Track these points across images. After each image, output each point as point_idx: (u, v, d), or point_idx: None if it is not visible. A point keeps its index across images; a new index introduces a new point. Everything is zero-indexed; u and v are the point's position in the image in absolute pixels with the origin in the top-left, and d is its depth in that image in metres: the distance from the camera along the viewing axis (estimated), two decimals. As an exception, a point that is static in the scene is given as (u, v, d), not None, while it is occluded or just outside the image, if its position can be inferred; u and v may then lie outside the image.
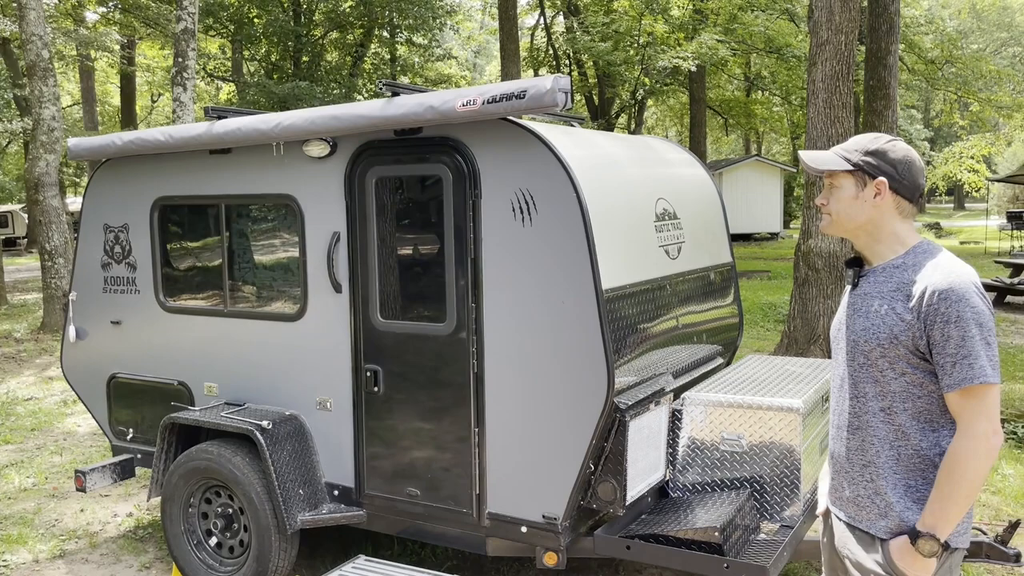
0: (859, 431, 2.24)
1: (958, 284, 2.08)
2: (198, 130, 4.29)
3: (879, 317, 2.17)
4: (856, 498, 2.25)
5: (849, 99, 8.09)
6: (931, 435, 2.15)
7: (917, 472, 2.16)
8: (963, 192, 45.64)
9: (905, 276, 2.17)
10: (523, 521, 3.62)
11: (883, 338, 2.15)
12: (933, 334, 2.08)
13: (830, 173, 2.28)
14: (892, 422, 2.17)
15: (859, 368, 2.23)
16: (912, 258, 2.21)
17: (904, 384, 2.15)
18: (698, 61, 18.83)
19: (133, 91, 26.92)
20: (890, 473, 2.18)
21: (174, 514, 4.35)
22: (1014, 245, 23.59)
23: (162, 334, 4.69)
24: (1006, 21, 46.81)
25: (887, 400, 2.18)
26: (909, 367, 2.14)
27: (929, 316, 2.08)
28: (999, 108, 24.25)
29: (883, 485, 2.19)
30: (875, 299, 2.21)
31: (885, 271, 2.23)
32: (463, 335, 3.69)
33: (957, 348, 2.05)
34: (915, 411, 2.15)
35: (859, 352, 2.22)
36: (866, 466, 2.23)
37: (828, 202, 2.29)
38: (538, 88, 3.36)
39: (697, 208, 4.56)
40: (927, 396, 2.14)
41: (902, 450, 2.17)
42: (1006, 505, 5.20)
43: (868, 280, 2.27)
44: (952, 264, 2.16)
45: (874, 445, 2.21)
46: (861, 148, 2.24)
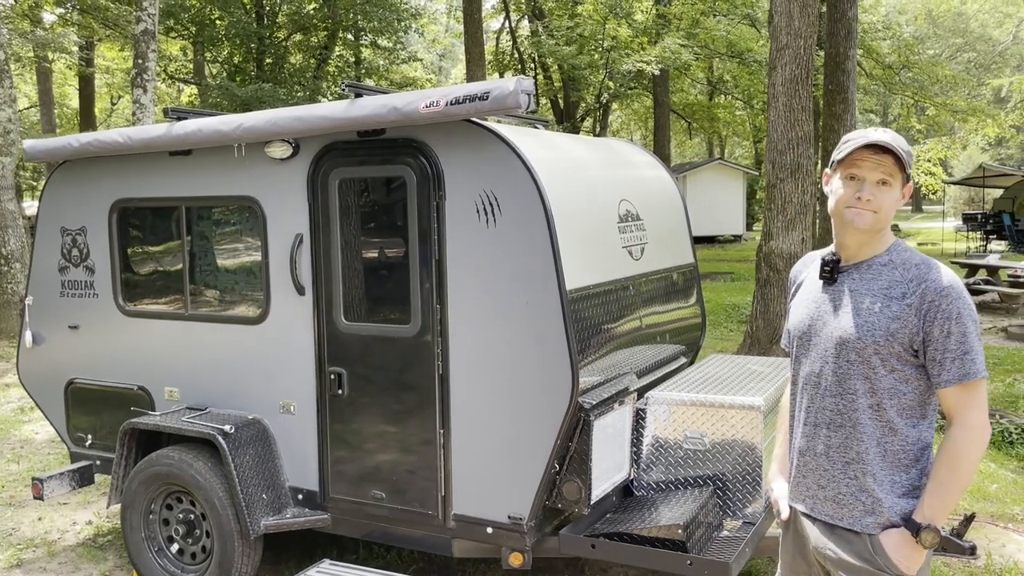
0: (843, 428, 2.24)
1: (956, 283, 2.14)
2: (158, 131, 4.24)
3: (874, 315, 2.18)
4: (837, 496, 2.25)
5: (808, 102, 8.22)
6: (913, 430, 2.20)
7: (901, 467, 2.20)
8: (920, 195, 46.52)
9: (896, 274, 2.19)
10: (489, 522, 3.62)
11: (879, 335, 2.16)
12: (932, 331, 2.11)
13: (891, 171, 2.18)
14: (880, 418, 2.20)
15: (848, 365, 2.22)
16: (897, 256, 2.23)
17: (893, 381, 2.18)
18: (661, 65, 19.00)
19: (92, 93, 26.44)
20: (877, 469, 2.20)
21: (134, 521, 4.28)
22: (970, 246, 24.13)
23: (121, 338, 4.62)
24: (961, 27, 47.87)
25: (876, 396, 2.19)
26: (899, 364, 2.17)
27: (929, 313, 2.11)
28: (954, 112, 24.76)
29: (869, 481, 2.20)
30: (866, 296, 2.21)
31: (872, 268, 2.24)
32: (428, 337, 3.68)
33: (958, 344, 2.10)
34: (901, 407, 2.19)
35: (850, 350, 2.21)
36: (849, 463, 2.23)
37: (875, 198, 2.18)
38: (501, 90, 3.37)
39: (660, 210, 4.60)
40: (912, 392, 2.18)
41: (888, 446, 2.20)
42: (964, 500, 5.31)
43: (850, 276, 2.27)
44: (939, 263, 2.21)
45: (861, 442, 2.21)
46: (911, 151, 2.21)
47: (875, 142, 2.15)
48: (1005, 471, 5.81)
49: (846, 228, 2.23)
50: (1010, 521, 4.99)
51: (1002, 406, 7.19)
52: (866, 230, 2.21)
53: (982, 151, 43.78)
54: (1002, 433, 6.40)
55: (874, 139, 2.16)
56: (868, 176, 2.18)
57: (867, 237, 2.23)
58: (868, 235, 2.23)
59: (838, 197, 2.23)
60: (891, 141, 2.16)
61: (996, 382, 8.20)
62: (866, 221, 2.19)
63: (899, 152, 2.14)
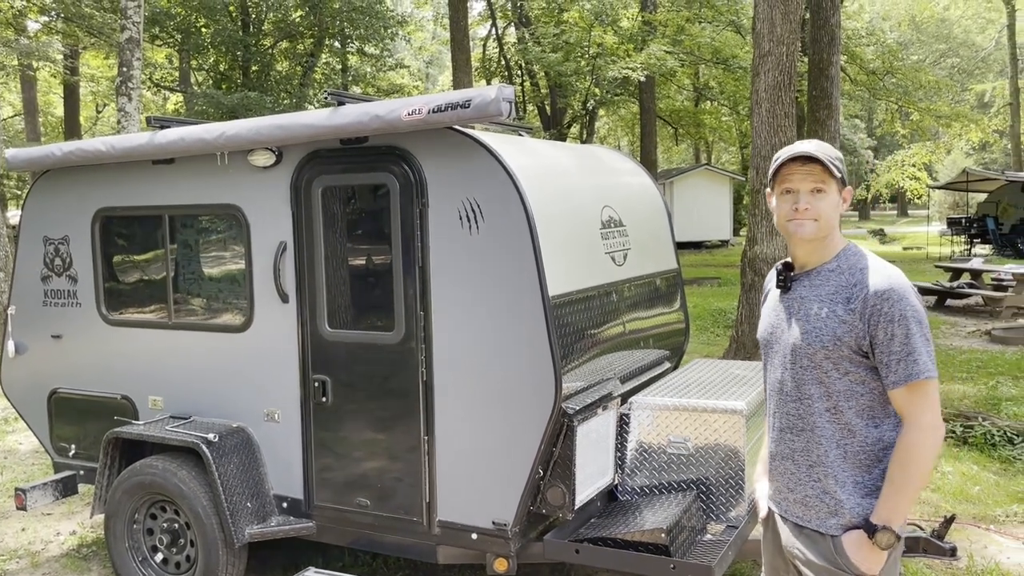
0: (804, 432, 2.30)
1: (897, 285, 2.18)
2: (140, 140, 4.24)
3: (820, 320, 2.24)
4: (804, 499, 2.31)
5: (791, 109, 8.27)
6: (874, 430, 2.23)
7: (863, 467, 2.23)
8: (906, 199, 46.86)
9: (842, 279, 2.25)
10: (473, 528, 3.63)
11: (827, 340, 2.22)
12: (877, 334, 2.16)
13: (822, 179, 2.25)
14: (838, 421, 2.24)
15: (803, 371, 2.28)
16: (844, 261, 2.28)
17: (848, 383, 2.22)
18: (647, 72, 19.09)
19: (77, 101, 26.33)
20: (838, 471, 2.24)
21: (118, 531, 4.26)
22: (954, 250, 24.31)
23: (105, 347, 4.60)
24: (944, 33, 48.28)
25: (832, 400, 2.24)
26: (852, 366, 2.21)
27: (873, 317, 2.16)
28: (938, 117, 24.97)
29: (831, 484, 2.25)
30: (813, 303, 2.27)
31: (820, 274, 2.30)
32: (412, 344, 3.69)
33: (901, 346, 2.14)
34: (859, 408, 2.23)
35: (802, 355, 2.27)
36: (812, 466, 2.28)
37: (812, 206, 2.26)
38: (483, 98, 3.39)
39: (643, 216, 4.63)
40: (869, 393, 2.22)
41: (848, 447, 2.24)
42: (945, 502, 5.35)
43: (802, 284, 2.33)
44: (887, 266, 2.25)
45: (821, 445, 2.26)
46: (838, 156, 2.29)
47: (800, 153, 2.24)
48: (987, 473, 5.86)
49: (792, 239, 2.32)
50: (992, 523, 5.03)
51: (985, 409, 7.25)
52: (811, 238, 2.28)
53: (966, 156, 44.16)
54: (984, 436, 6.45)
55: (799, 151, 2.25)
56: (801, 187, 2.26)
57: (814, 245, 2.30)
58: (814, 243, 2.29)
59: (778, 213, 2.32)
60: (815, 150, 2.24)
61: (979, 385, 8.26)
62: (808, 230, 2.26)
63: (824, 160, 2.22)
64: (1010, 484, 5.64)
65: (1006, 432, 6.44)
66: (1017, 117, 35.26)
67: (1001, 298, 12.84)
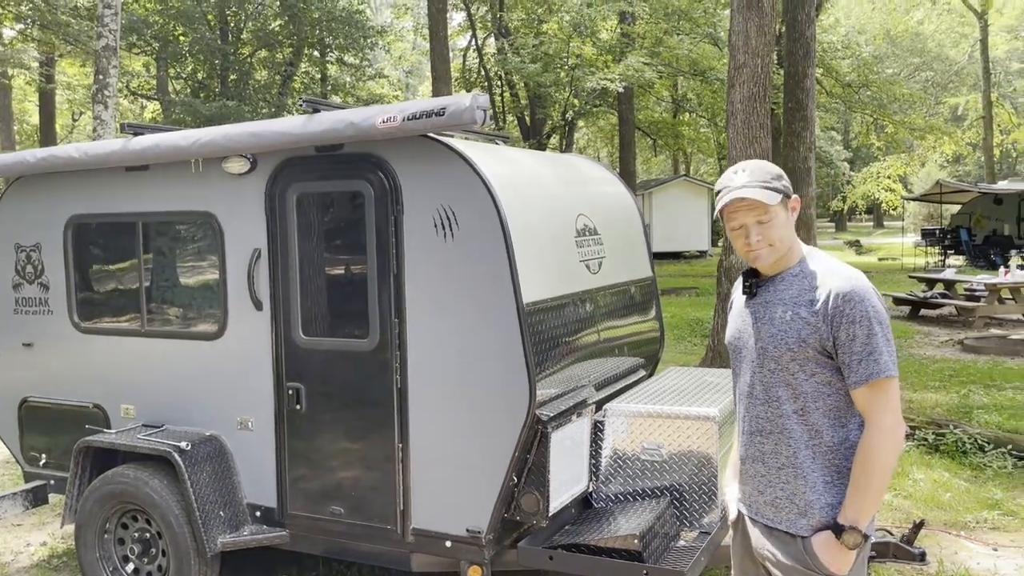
0: (773, 435, 2.34)
1: (859, 286, 2.23)
2: (114, 147, 4.22)
3: (785, 323, 2.28)
4: (774, 500, 2.34)
5: (766, 120, 8.36)
6: (841, 431, 2.28)
7: (832, 468, 2.27)
8: (881, 211, 47.41)
9: (805, 283, 2.30)
10: (447, 536, 3.63)
11: (792, 342, 2.26)
12: (839, 334, 2.20)
13: (763, 210, 2.28)
14: (806, 422, 2.28)
15: (770, 374, 2.33)
16: (807, 266, 2.34)
17: (814, 384, 2.27)
18: (625, 83, 19.22)
19: (53, 109, 26.10)
20: (808, 472, 2.28)
21: (89, 541, 4.22)
22: (928, 261, 24.61)
23: (77, 356, 4.56)
24: (919, 47, 48.99)
25: (800, 401, 2.28)
26: (818, 367, 2.25)
27: (835, 318, 2.21)
28: (913, 130, 25.35)
29: (801, 485, 2.29)
30: (778, 306, 2.32)
31: (784, 279, 2.35)
32: (386, 351, 3.69)
33: (863, 346, 2.18)
34: (826, 409, 2.27)
35: (769, 359, 2.32)
36: (782, 468, 2.32)
37: (763, 236, 2.30)
38: (457, 105, 3.41)
39: (617, 224, 4.66)
40: (835, 393, 2.26)
41: (817, 448, 2.28)
42: (916, 508, 5.41)
43: (767, 289, 2.38)
44: (848, 269, 2.31)
45: (790, 446, 2.30)
46: (773, 175, 2.33)
47: (735, 198, 2.28)
48: (959, 480, 5.93)
49: (755, 264, 2.38)
50: (962, 529, 5.09)
51: (957, 417, 7.34)
52: (771, 262, 2.34)
53: (940, 168, 44.74)
54: (956, 443, 6.52)
55: (735, 195, 2.29)
56: (747, 221, 2.31)
57: (775, 262, 2.35)
58: (776, 261, 2.35)
59: (736, 247, 2.38)
60: (749, 187, 2.27)
61: (951, 393, 8.37)
62: (765, 259, 2.33)
63: (759, 197, 2.25)
64: (980, 491, 5.71)
65: (977, 440, 6.53)
66: (990, 130, 35.83)
67: (973, 308, 13.02)
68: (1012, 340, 11.18)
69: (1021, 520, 5.18)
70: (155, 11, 21.30)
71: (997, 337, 11.64)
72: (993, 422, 7.11)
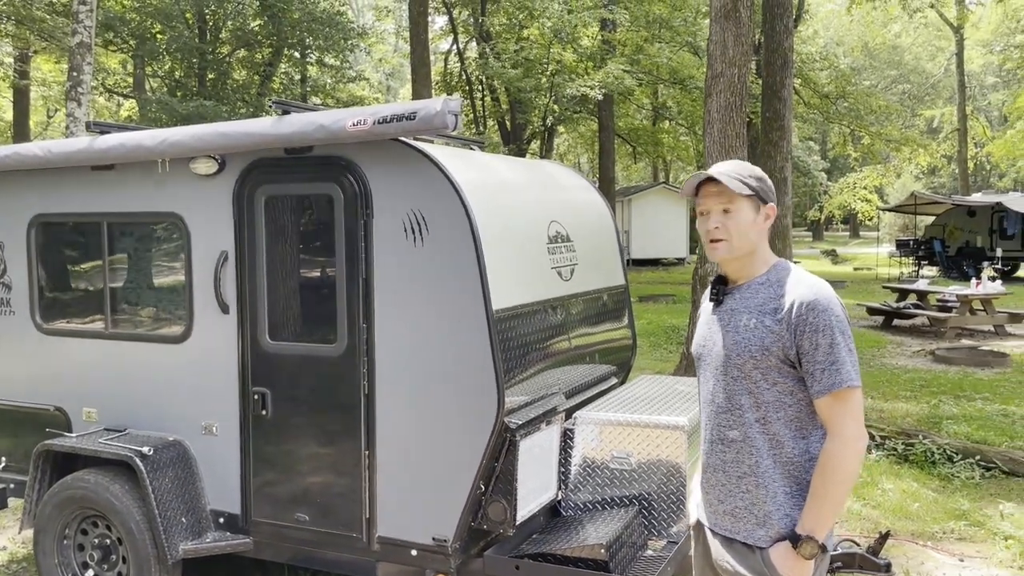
0: (735, 443, 2.32)
1: (823, 296, 2.22)
2: (79, 145, 4.14)
3: (749, 331, 2.27)
4: (734, 510, 2.32)
5: (743, 129, 8.40)
6: (802, 442, 2.26)
7: (792, 479, 2.26)
8: (857, 221, 47.90)
9: (770, 291, 2.29)
10: (413, 544, 3.59)
11: (755, 350, 2.25)
12: (803, 343, 2.20)
13: (729, 198, 2.30)
14: (767, 431, 2.27)
15: (733, 382, 2.31)
16: (775, 275, 2.33)
17: (776, 394, 2.26)
18: (605, 90, 19.27)
19: (27, 106, 25.74)
20: (768, 482, 2.26)
21: (48, 546, 4.13)
22: (902, 271, 24.87)
23: (38, 357, 4.48)
24: (896, 59, 49.63)
25: (762, 410, 2.27)
26: (780, 376, 2.24)
27: (799, 327, 2.20)
28: (889, 141, 25.62)
29: (761, 495, 2.27)
30: (743, 314, 2.31)
31: (751, 288, 2.34)
32: (354, 356, 3.65)
33: (826, 355, 2.18)
34: (787, 419, 2.26)
35: (732, 366, 2.30)
36: (742, 477, 2.30)
37: (723, 225, 2.30)
38: (428, 110, 3.38)
39: (590, 231, 4.65)
40: (797, 404, 2.25)
41: (778, 458, 2.27)
42: (884, 518, 5.43)
43: (733, 297, 2.37)
44: (813, 279, 2.30)
45: (751, 456, 2.28)
46: (752, 174, 2.33)
47: (707, 175, 2.31)
48: (927, 490, 5.97)
49: (712, 258, 2.39)
50: (929, 539, 5.12)
51: (926, 427, 7.39)
52: (725, 259, 2.35)
53: (915, 179, 45.28)
54: (925, 453, 6.57)
55: (706, 172, 2.32)
56: (712, 208, 2.32)
57: (740, 263, 2.35)
58: (739, 261, 2.34)
59: (701, 232, 2.39)
60: (721, 171, 2.30)
61: (922, 403, 8.43)
62: (720, 254, 2.33)
63: (726, 180, 2.26)
64: (948, 501, 5.74)
65: (946, 450, 6.57)
66: (964, 143, 36.32)
67: (945, 319, 13.15)
68: (982, 351, 11.31)
69: (987, 531, 5.22)
70: (132, 8, 21.06)
71: (968, 348, 11.76)
72: (962, 433, 7.17)
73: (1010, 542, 5.01)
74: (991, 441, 6.92)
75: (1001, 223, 23.84)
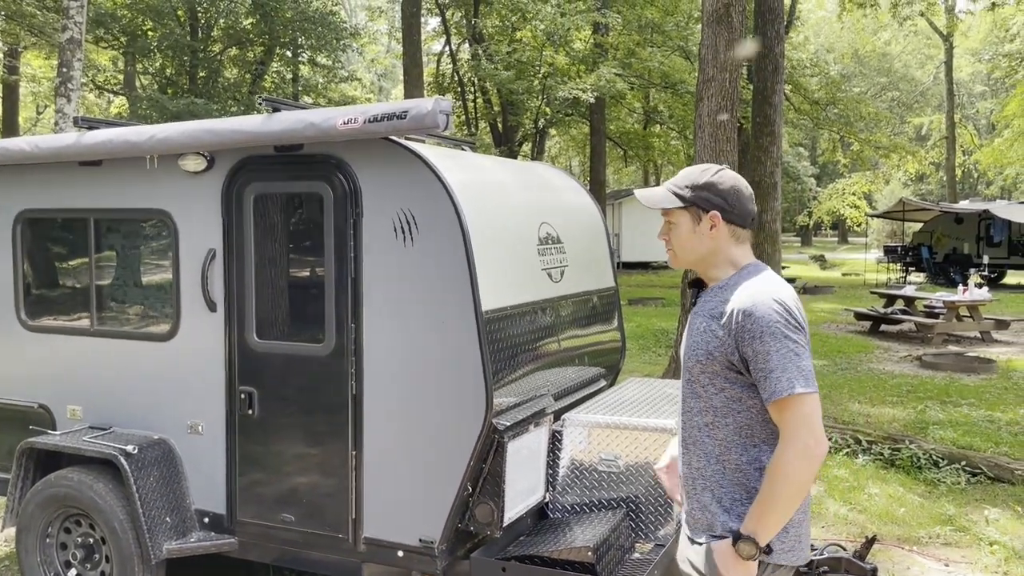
0: (691, 445, 2.31)
1: (760, 302, 2.16)
2: (66, 141, 4.11)
3: (699, 335, 2.27)
4: (691, 511, 2.33)
5: (734, 134, 8.42)
6: (752, 450, 2.22)
7: (740, 486, 2.22)
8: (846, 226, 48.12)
9: (722, 296, 2.27)
10: (400, 545, 3.57)
11: (701, 354, 2.24)
12: (745, 351, 2.16)
13: (666, 211, 2.33)
14: (715, 436, 2.25)
15: (687, 384, 2.32)
16: (735, 279, 2.30)
17: (724, 399, 2.23)
18: (597, 93, 19.30)
19: (16, 101, 25.57)
20: (716, 486, 2.25)
21: (30, 545, 4.09)
22: (890, 277, 24.99)
23: (22, 354, 4.44)
24: (885, 67, 49.91)
25: (710, 415, 2.26)
26: (726, 383, 2.22)
27: (738, 334, 2.17)
28: (878, 148, 25.76)
29: (709, 498, 2.26)
30: (699, 318, 2.31)
31: (712, 292, 2.33)
32: (342, 356, 3.63)
33: (765, 363, 2.13)
34: (736, 426, 2.23)
35: (686, 369, 2.32)
36: (695, 480, 2.30)
37: (669, 238, 2.36)
38: (419, 109, 3.37)
39: (581, 233, 4.64)
40: (746, 411, 2.21)
41: (726, 464, 2.24)
42: (871, 523, 5.45)
43: (701, 300, 2.37)
44: (761, 284, 2.23)
45: (702, 459, 2.28)
46: (691, 183, 2.31)
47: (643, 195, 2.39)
48: (912, 495, 5.99)
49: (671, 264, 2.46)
50: (915, 544, 5.13)
51: (913, 432, 7.43)
52: (677, 266, 2.41)
53: (904, 186, 45.55)
54: (911, 458, 6.59)
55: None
56: (664, 217, 2.40)
57: (700, 268, 2.37)
58: (697, 267, 2.37)
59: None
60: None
61: (908, 409, 8.47)
62: (672, 261, 2.42)
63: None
64: (934, 506, 5.77)
65: (932, 455, 6.60)
66: (953, 150, 36.57)
67: (932, 325, 13.21)
68: (969, 357, 11.37)
69: (973, 536, 5.24)
70: (123, 5, 20.97)
71: (954, 354, 11.83)
72: (948, 438, 7.20)
73: (995, 547, 5.03)
74: (977, 447, 6.96)
75: (988, 230, 24.01)
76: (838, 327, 14.85)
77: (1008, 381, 10.06)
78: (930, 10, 31.85)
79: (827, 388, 9.48)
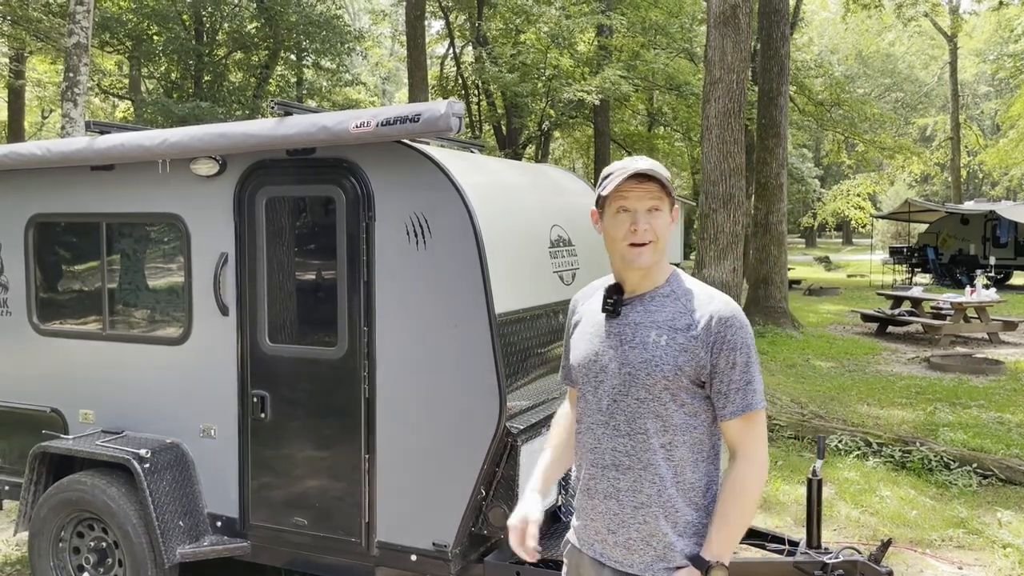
0: (633, 471, 2.12)
1: (738, 312, 2.10)
2: (78, 145, 4.12)
3: (660, 348, 2.08)
4: (627, 542, 2.13)
5: (740, 135, 8.42)
6: (703, 465, 2.13)
7: (693, 506, 2.12)
8: (851, 228, 48.05)
9: (679, 304, 2.12)
10: (413, 549, 3.56)
11: (668, 370, 2.07)
12: (719, 361, 2.06)
13: (657, 197, 2.11)
14: (672, 458, 2.10)
15: (638, 404, 2.11)
16: (677, 286, 2.17)
17: (684, 416, 2.10)
18: (602, 95, 19.29)
19: (22, 106, 25.66)
20: (671, 511, 2.10)
21: (43, 549, 4.10)
22: (896, 279, 24.94)
23: (35, 358, 4.44)
24: (889, 68, 49.86)
25: (669, 435, 2.10)
26: (688, 397, 2.09)
27: (716, 343, 2.06)
28: (882, 149, 25.73)
29: (662, 525, 2.10)
30: (650, 330, 2.11)
31: (654, 299, 2.15)
32: (354, 360, 3.63)
33: (742, 374, 2.06)
34: (692, 443, 2.11)
35: (639, 387, 2.10)
36: (639, 507, 2.12)
37: (651, 226, 2.11)
38: (432, 112, 3.37)
39: (592, 235, 4.63)
40: (701, 426, 2.12)
41: (681, 485, 2.11)
42: (883, 526, 5.43)
43: (635, 309, 2.16)
44: (714, 290, 2.18)
45: (654, 484, 2.10)
46: (667, 176, 2.15)
47: (639, 171, 2.09)
48: (924, 498, 5.97)
49: (628, 267, 2.14)
50: (928, 547, 5.11)
51: (923, 434, 7.40)
52: (649, 265, 2.13)
53: (909, 187, 45.47)
54: (922, 460, 6.57)
55: (637, 168, 2.09)
56: (638, 206, 2.10)
57: (640, 272, 2.15)
58: (650, 268, 2.15)
59: (614, 234, 2.14)
60: (653, 168, 2.10)
61: (917, 411, 8.45)
62: (646, 260, 2.11)
63: (662, 179, 2.10)
64: (946, 509, 5.74)
65: (943, 457, 6.57)
66: (957, 151, 36.49)
67: (940, 326, 13.17)
68: (977, 359, 11.34)
69: (986, 539, 5.22)
70: (129, 9, 21.02)
71: (962, 355, 11.79)
72: (958, 440, 7.17)
73: (1008, 550, 5.01)
74: (987, 449, 6.93)
75: (994, 231, 23.93)
76: (845, 329, 14.82)
77: (1017, 382, 10.03)
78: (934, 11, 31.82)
79: (835, 390, 9.46)
